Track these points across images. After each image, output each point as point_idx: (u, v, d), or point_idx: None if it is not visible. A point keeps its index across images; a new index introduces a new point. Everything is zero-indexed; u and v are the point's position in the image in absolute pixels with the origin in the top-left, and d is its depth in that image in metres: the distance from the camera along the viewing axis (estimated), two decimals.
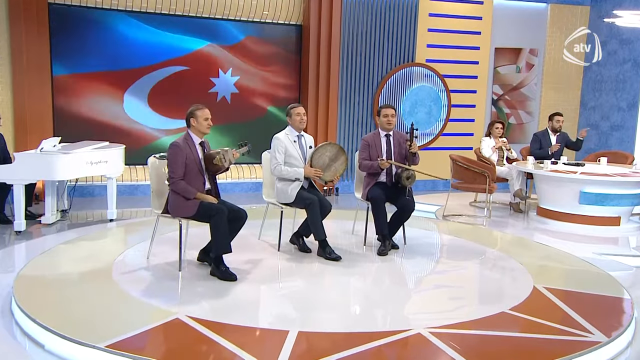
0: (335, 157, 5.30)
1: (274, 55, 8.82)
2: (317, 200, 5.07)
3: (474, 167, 6.94)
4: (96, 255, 4.99)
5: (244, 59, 8.63)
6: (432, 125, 9.57)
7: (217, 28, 8.46)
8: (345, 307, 4.09)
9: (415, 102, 9.37)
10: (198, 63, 8.39)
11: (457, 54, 9.53)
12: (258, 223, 5.75)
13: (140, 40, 8.07)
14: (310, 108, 8.77)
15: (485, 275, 4.99)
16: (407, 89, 9.31)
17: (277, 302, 4.16)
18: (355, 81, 9.03)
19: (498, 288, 4.66)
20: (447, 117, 9.61)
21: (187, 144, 4.52)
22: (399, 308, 4.08)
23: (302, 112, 5.26)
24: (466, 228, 6.71)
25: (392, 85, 9.19)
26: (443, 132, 9.63)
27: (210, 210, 4.41)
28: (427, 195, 8.89)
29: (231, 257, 4.74)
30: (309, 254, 5.25)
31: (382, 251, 5.33)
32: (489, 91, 9.95)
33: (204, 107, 4.62)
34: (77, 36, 7.76)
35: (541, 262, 5.31)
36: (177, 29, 8.22)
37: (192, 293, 4.17)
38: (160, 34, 8.15)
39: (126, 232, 6.11)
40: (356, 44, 8.92)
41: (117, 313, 3.71)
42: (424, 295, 4.43)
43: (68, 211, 6.88)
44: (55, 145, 6.37)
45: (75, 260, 4.85)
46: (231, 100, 8.66)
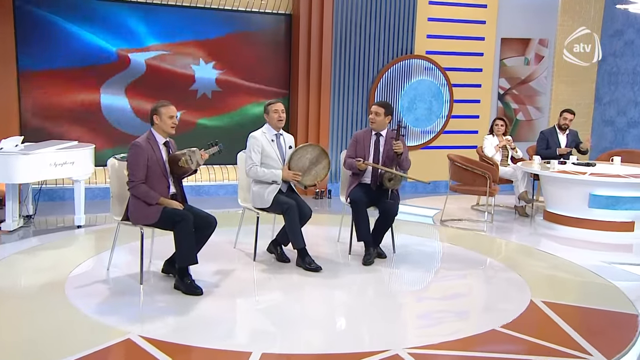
0: (317, 160, 5.14)
1: (261, 48, 8.66)
2: (295, 205, 4.91)
3: (473, 168, 6.77)
4: (52, 266, 4.85)
5: (227, 52, 8.46)
6: (432, 122, 9.40)
7: (198, 18, 8.30)
8: (319, 325, 3.92)
9: (415, 98, 9.20)
10: (177, 57, 8.23)
11: (459, 45, 9.36)
12: (234, 230, 5.60)
13: (117, 30, 7.92)
14: (301, 104, 8.62)
15: (479, 287, 4.82)
16: (406, 84, 9.14)
17: (244, 320, 4.01)
18: (349, 75, 8.87)
19: (491, 302, 4.49)
20: (449, 113, 9.44)
21: (150, 144, 4.38)
22: (378, 326, 3.91)
23: (280, 109, 5.11)
24: (465, 234, 6.54)
25: (389, 79, 9.02)
26: (445, 129, 9.46)
27: (174, 216, 4.26)
28: (426, 198, 8.72)
29: (201, 268, 4.62)
30: (287, 264, 5.10)
31: (367, 260, 5.18)
32: (494, 85, 9.77)
33: (170, 103, 4.48)
34: (45, 28, 7.61)
35: (542, 273, 5.16)
36: (157, 18, 8.07)
37: (151, 309, 4.03)
38: (137, 23, 8.00)
39: (91, 240, 5.97)
40: (350, 35, 8.76)
41: (61, 333, 3.55)
42: (408, 310, 4.26)
43: (33, 217, 6.73)
44: (18, 145, 6.23)
45: (28, 272, 4.72)
46: (212, 95, 8.50)
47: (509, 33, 9.71)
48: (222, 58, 8.45)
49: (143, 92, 8.07)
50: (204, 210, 4.59)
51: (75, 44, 7.76)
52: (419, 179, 5.27)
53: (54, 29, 7.64)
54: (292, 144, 5.27)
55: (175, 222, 4.26)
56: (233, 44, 8.48)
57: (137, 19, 7.99)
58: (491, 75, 9.67)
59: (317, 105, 8.63)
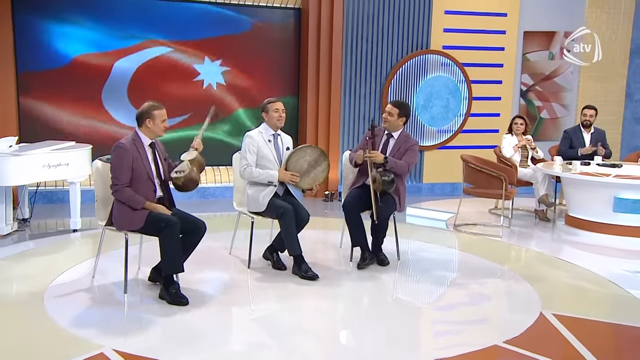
0: (316, 163, 5.01)
1: (268, 44, 8.55)
2: (291, 209, 4.79)
3: (488, 169, 6.56)
4: (36, 273, 4.79)
5: (233, 48, 8.38)
6: (450, 121, 9.19)
7: (202, 13, 8.23)
8: (316, 336, 3.80)
9: (430, 95, 9.01)
10: (181, 52, 8.17)
11: (479, 39, 9.13)
12: (230, 235, 5.51)
13: (122, 25, 7.89)
14: (310, 102, 8.50)
15: (485, 299, 4.63)
16: (421, 80, 8.95)
17: (230, 332, 3.88)
18: (361, 72, 8.71)
19: (496, 315, 4.31)
20: (468, 111, 9.22)
21: (135, 145, 4.30)
22: (370, 340, 3.77)
23: (280, 108, 4.99)
24: (478, 240, 6.35)
25: (403, 75, 8.84)
26: (463, 128, 9.24)
27: (159, 222, 4.17)
28: (441, 201, 8.52)
29: (191, 276, 4.58)
30: (283, 272, 4.98)
31: (362, 264, 5.09)
32: (516, 81, 9.52)
33: (162, 105, 4.41)
34: (43, 27, 7.61)
35: (557, 283, 4.96)
36: (158, 14, 8.02)
37: (132, 320, 3.93)
38: (138, 21, 7.96)
39: (84, 245, 5.90)
40: (362, 29, 8.60)
41: (30, 346, 3.47)
42: (405, 323, 4.08)
43: (29, 220, 6.72)
44: (12, 146, 6.22)
45: (10, 280, 4.66)
46: (217, 92, 8.42)
47: (532, 26, 9.45)
48: (228, 55, 8.36)
49: (145, 90, 8.03)
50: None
51: (74, 43, 7.73)
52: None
53: (52, 29, 7.62)
54: (290, 145, 5.15)
55: (160, 228, 4.16)
56: (239, 40, 8.38)
57: (139, 16, 7.95)
58: (513, 71, 9.42)
59: (327, 103, 8.50)
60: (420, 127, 9.02)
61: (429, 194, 9.12)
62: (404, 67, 8.81)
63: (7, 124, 7.44)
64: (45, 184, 7.57)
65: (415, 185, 9.16)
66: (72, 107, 7.81)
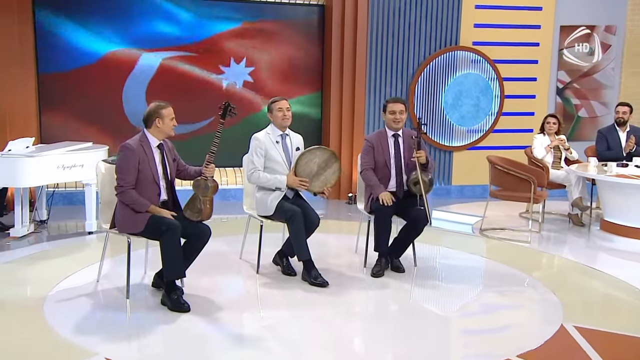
0: (326, 165, 4.91)
1: (292, 41, 8.50)
2: (300, 213, 4.70)
3: (515, 172, 6.34)
4: (42, 277, 4.81)
5: (257, 47, 8.35)
6: (480, 121, 8.96)
7: (223, 10, 8.22)
8: (323, 346, 3.69)
9: (460, 93, 8.81)
10: (205, 52, 8.18)
11: (511, 34, 8.89)
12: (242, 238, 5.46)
13: (142, 25, 7.96)
14: (334, 101, 8.42)
15: (503, 308, 4.45)
16: (450, 78, 8.76)
17: (229, 340, 3.78)
18: (386, 69, 8.56)
19: (513, 326, 4.12)
20: (500, 110, 8.99)
21: (142, 147, 4.27)
22: (377, 353, 3.64)
23: (285, 107, 4.91)
24: (504, 246, 6.15)
25: (430, 73, 8.67)
26: (494, 128, 9.01)
27: (160, 225, 4.13)
28: (469, 204, 8.31)
29: (198, 281, 4.58)
30: (292, 278, 4.90)
31: (377, 272, 4.96)
32: (552, 79, 9.23)
33: (169, 104, 4.38)
34: (66, 20, 7.70)
35: (584, 294, 4.75)
36: (178, 14, 8.05)
37: (132, 327, 3.90)
38: (157, 20, 8.00)
39: (97, 248, 5.88)
40: (387, 25, 8.46)
41: (21, 353, 3.46)
42: (416, 334, 3.94)
43: (46, 222, 6.80)
44: (28, 147, 6.31)
45: (14, 283, 4.69)
46: (241, 91, 8.41)
47: (569, 20, 9.15)
48: (252, 54, 8.33)
49: (165, 92, 8.06)
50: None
51: (92, 44, 7.81)
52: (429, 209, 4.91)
53: (72, 29, 7.72)
54: (301, 146, 5.07)
55: (161, 232, 4.12)
56: (262, 37, 8.35)
57: (157, 16, 7.99)
58: (548, 67, 9.14)
59: (351, 103, 8.39)
60: (449, 127, 8.83)
61: (458, 197, 8.92)
62: (432, 65, 8.63)
63: (28, 124, 7.56)
64: (65, 185, 7.68)
65: (443, 187, 8.97)
66: (92, 109, 7.89)
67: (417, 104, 8.67)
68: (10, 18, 7.32)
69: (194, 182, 4.38)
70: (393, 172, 5.05)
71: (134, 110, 7.99)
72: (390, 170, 5.05)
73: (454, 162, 8.96)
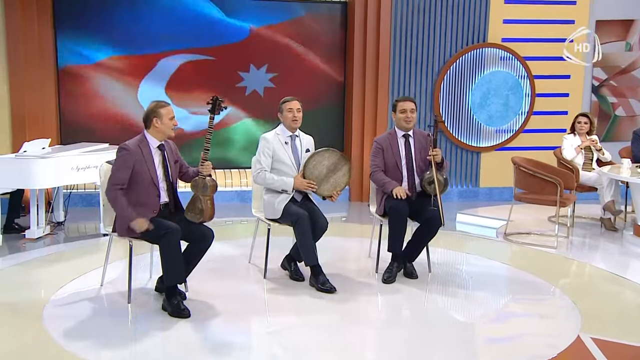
0: (335, 168, 4.82)
1: (313, 40, 8.44)
2: (306, 216, 4.62)
3: (540, 174, 6.14)
4: (46, 280, 4.84)
5: (277, 46, 8.32)
6: (509, 120, 8.74)
7: (243, 9, 8.21)
8: (328, 355, 3.61)
9: (488, 92, 8.60)
10: (225, 53, 8.19)
11: (543, 30, 8.64)
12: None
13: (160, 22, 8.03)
14: (356, 101, 8.33)
15: (517, 318, 4.29)
16: (477, 76, 8.56)
17: (229, 348, 3.70)
18: (411, 67, 8.42)
19: (527, 337, 3.96)
20: (530, 109, 8.75)
21: (140, 148, 4.24)
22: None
23: (295, 108, 4.84)
24: (527, 252, 5.96)
25: (457, 71, 8.49)
26: (524, 128, 8.78)
27: (159, 229, 4.10)
28: (500, 206, 8.09)
29: (203, 285, 4.57)
30: (300, 283, 4.82)
31: (388, 278, 4.85)
32: (587, 76, 8.94)
33: (167, 103, 4.34)
34: (86, 19, 7.80)
35: (606, 303, 4.55)
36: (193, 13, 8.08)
37: (131, 333, 3.86)
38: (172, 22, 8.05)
39: (105, 251, 5.93)
40: (411, 22, 8.32)
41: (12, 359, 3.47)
42: (426, 343, 3.82)
43: (64, 224, 6.88)
44: (44, 148, 6.38)
45: (19, 286, 4.71)
46: (264, 92, 8.40)
47: (606, 14, 8.86)
48: (271, 55, 8.31)
49: (183, 88, 8.12)
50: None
51: (110, 45, 7.90)
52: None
53: (93, 28, 7.83)
54: (311, 147, 4.99)
55: (160, 236, 4.09)
56: (282, 36, 8.32)
57: (172, 18, 8.04)
58: (583, 64, 8.86)
59: (373, 102, 8.29)
60: (477, 127, 8.64)
61: (486, 200, 8.72)
62: (458, 63, 8.46)
63: (47, 125, 7.66)
64: (85, 187, 7.77)
65: (471, 189, 8.78)
66: (111, 109, 7.96)
67: (442, 103, 8.50)
68: (30, 17, 7.42)
69: (192, 182, 4.32)
70: (404, 173, 4.94)
71: None
72: (401, 172, 4.94)
73: (481, 163, 8.76)
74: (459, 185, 8.77)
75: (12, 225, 6.49)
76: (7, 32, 7.33)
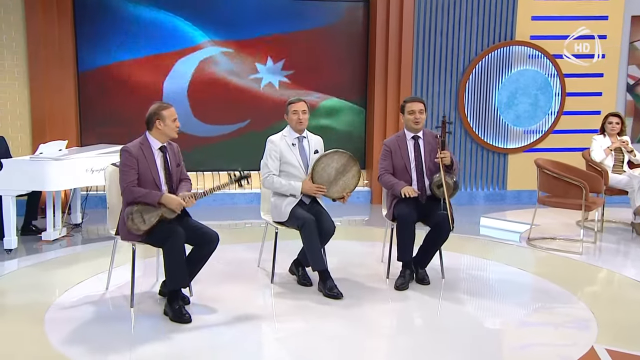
0: (344, 169, 4.76)
1: (335, 40, 8.40)
2: (313, 220, 4.57)
3: (565, 176, 5.97)
4: (53, 282, 4.89)
5: (297, 45, 8.29)
6: (538, 120, 8.55)
7: (264, 7, 8.21)
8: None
9: (516, 91, 8.43)
10: (243, 49, 8.21)
11: (574, 26, 8.44)
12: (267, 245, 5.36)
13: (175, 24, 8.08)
14: (378, 101, 8.24)
15: (531, 327, 4.15)
16: (504, 75, 8.40)
17: (231, 355, 3.67)
18: (434, 66, 8.31)
19: (538, 347, 3.82)
20: (561, 109, 8.54)
21: (142, 150, 4.25)
22: None
23: (301, 109, 4.79)
24: (550, 258, 5.79)
25: (482, 70, 8.35)
26: (554, 128, 8.57)
27: (162, 232, 4.09)
28: (528, 210, 7.89)
29: (208, 289, 4.58)
30: (308, 288, 4.77)
31: (401, 285, 4.75)
32: (622, 74, 8.70)
33: (170, 105, 4.34)
34: (106, 22, 7.92)
35: (626, 313, 4.37)
36: (214, 10, 8.11)
37: (129, 339, 3.84)
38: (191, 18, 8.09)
39: (120, 253, 5.95)
40: (435, 20, 8.21)
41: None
42: (431, 353, 3.72)
43: (81, 225, 6.96)
44: (61, 150, 6.47)
45: (24, 289, 4.77)
46: (279, 86, 8.41)
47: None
48: (291, 53, 8.30)
49: (205, 98, 8.16)
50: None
51: (132, 43, 7.99)
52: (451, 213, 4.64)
53: (113, 27, 7.93)
54: (320, 148, 4.94)
55: (163, 239, 4.08)
56: (302, 37, 8.30)
57: (190, 14, 8.07)
58: (617, 62, 8.61)
59: (395, 103, 8.18)
60: (504, 128, 8.47)
61: (514, 203, 8.54)
62: (484, 62, 8.32)
63: (67, 127, 7.77)
64: (104, 189, 7.83)
65: (498, 192, 8.61)
66: (132, 110, 8.04)
67: (467, 103, 8.36)
68: (51, 20, 7.54)
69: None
70: (414, 176, 4.85)
71: None
72: (410, 174, 4.86)
73: (509, 165, 8.58)
74: (485, 189, 8.60)
75: (29, 227, 6.60)
76: (28, 36, 7.46)
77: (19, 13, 7.42)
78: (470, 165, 8.49)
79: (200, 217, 4.45)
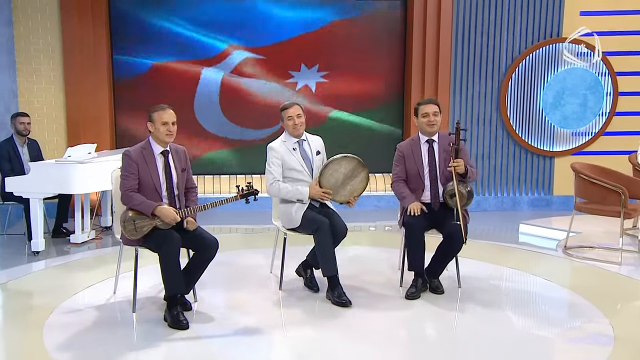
0: (352, 174, 4.72)
1: (371, 39, 8.35)
2: (327, 224, 4.55)
3: (602, 181, 5.72)
4: (63, 286, 5.01)
5: (332, 45, 8.29)
6: (588, 122, 8.23)
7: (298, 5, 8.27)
8: None
9: (562, 92, 8.14)
10: (276, 54, 8.27)
11: (627, 22, 8.11)
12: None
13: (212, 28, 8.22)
14: (415, 102, 8.08)
15: (541, 344, 3.95)
16: (550, 74, 8.13)
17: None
18: (474, 67, 8.13)
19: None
20: (612, 110, 8.20)
21: (142, 155, 4.29)
22: None
23: (295, 114, 4.76)
24: (582, 269, 5.54)
25: (526, 70, 8.12)
26: (605, 130, 8.23)
27: (158, 237, 4.15)
28: (567, 217, 7.56)
29: (214, 296, 4.63)
30: (315, 295, 4.76)
31: (411, 294, 4.66)
32: None
33: (167, 107, 4.32)
34: (140, 33, 8.12)
35: None
36: (240, 16, 8.21)
37: (127, 345, 3.88)
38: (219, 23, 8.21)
39: (135, 257, 6.09)
40: (475, 17, 8.03)
41: None
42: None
43: (111, 228, 7.15)
44: (90, 153, 6.66)
45: (35, 292, 4.93)
46: (315, 87, 8.44)
47: None
48: (326, 53, 8.31)
49: (236, 101, 8.26)
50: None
51: (166, 48, 8.17)
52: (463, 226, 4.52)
53: (147, 32, 8.13)
54: (321, 149, 4.94)
55: (159, 244, 4.14)
56: (338, 35, 8.30)
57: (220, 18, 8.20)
58: None
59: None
60: (549, 129, 8.19)
61: (561, 209, 8.22)
62: (527, 60, 8.09)
63: (101, 131, 8.00)
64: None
65: (543, 198, 8.34)
66: None
67: (509, 104, 8.14)
68: (86, 26, 7.80)
69: None
70: (427, 182, 4.75)
71: (205, 113, 8.29)
72: (423, 180, 4.76)
73: (555, 169, 8.29)
74: (529, 193, 8.35)
75: (60, 230, 6.84)
76: (63, 41, 7.75)
77: (55, 18, 7.71)
78: (513, 169, 8.27)
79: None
